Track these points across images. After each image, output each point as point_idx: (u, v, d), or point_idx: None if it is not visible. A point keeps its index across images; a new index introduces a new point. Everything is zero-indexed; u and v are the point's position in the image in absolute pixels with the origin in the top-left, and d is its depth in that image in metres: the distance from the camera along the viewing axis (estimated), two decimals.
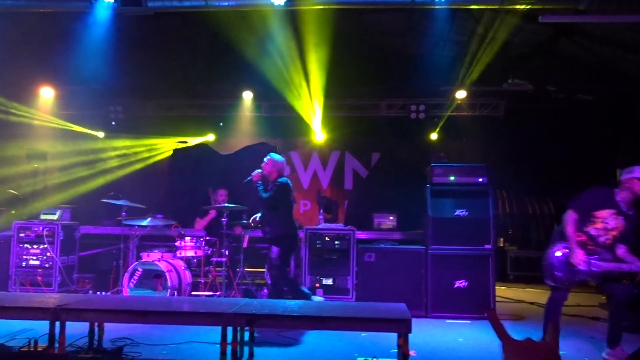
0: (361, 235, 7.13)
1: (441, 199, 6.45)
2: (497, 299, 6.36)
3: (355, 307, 4.68)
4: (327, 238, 6.65)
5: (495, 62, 7.35)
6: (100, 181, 9.37)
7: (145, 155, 10.06)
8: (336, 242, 6.62)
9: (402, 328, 3.51)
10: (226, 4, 6.66)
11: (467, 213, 6.36)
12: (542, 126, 8.80)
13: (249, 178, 5.64)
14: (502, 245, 9.57)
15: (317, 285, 6.50)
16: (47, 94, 9.39)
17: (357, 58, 8.06)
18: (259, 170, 5.65)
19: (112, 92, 9.44)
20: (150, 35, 7.87)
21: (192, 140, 10.08)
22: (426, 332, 5.31)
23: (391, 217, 7.76)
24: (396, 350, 3.63)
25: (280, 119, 9.57)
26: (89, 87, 9.14)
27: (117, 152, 10.02)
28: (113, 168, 9.89)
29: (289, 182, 5.69)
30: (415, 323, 3.59)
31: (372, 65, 8.31)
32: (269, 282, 5.74)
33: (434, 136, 9.62)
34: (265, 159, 5.71)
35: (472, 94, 8.93)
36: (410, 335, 3.51)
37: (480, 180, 6.47)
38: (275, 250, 5.53)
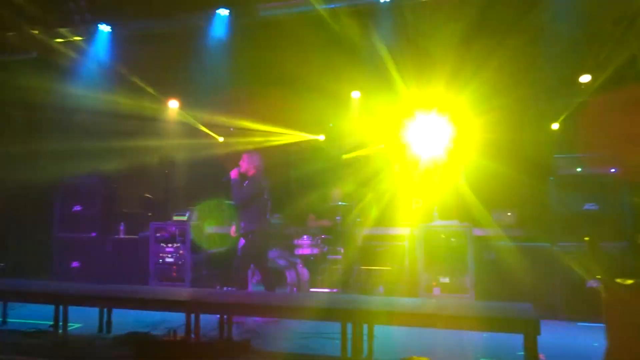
0: (478, 232, 6.87)
1: (567, 192, 6.02)
2: None
3: (476, 306, 4.54)
4: (442, 235, 6.50)
5: None
6: (222, 183, 9.97)
7: (264, 157, 10.51)
8: (452, 239, 6.45)
9: (530, 329, 3.34)
10: (332, 5, 6.83)
11: (597, 207, 5.86)
12: None
13: (226, 177, 5.72)
14: None
15: (434, 283, 6.38)
16: (173, 105, 10.27)
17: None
18: (237, 168, 5.74)
19: (229, 100, 10.03)
20: (261, 41, 8.27)
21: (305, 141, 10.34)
22: (555, 335, 4.98)
23: (509, 213, 7.35)
24: (522, 353, 3.46)
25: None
26: (209, 96, 9.84)
27: (235, 157, 10.59)
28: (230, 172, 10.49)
29: (264, 180, 5.80)
30: (543, 324, 3.40)
31: None
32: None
33: (555, 126, 8.94)
34: (243, 155, 5.87)
35: None
36: (538, 337, 3.33)
37: (613, 170, 5.92)
38: (241, 241, 5.70)
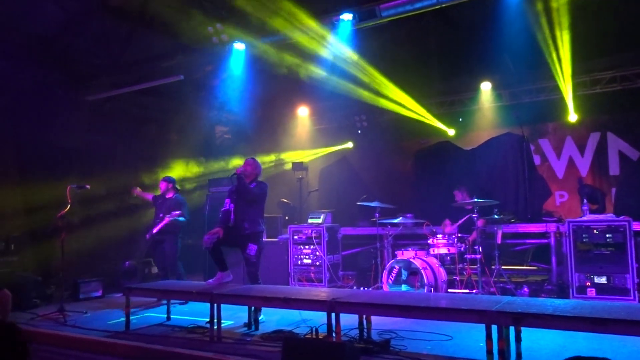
0: (639, 226, 6.15)
1: None
2: None
3: None
4: (595, 231, 5.93)
5: None
6: (352, 185, 10.14)
7: (391, 158, 10.51)
8: (607, 235, 5.85)
9: None
10: None
11: None
12: None
13: (233, 175, 5.68)
14: None
15: (588, 284, 5.83)
16: (302, 113, 10.72)
17: (606, 23, 7.00)
18: (240, 168, 5.73)
19: (356, 103, 10.19)
20: (382, 45, 8.30)
21: (433, 139, 10.11)
22: None
23: None
24: None
25: (524, 106, 8.89)
26: (336, 102, 10.09)
27: (365, 158, 10.71)
28: (362, 173, 10.62)
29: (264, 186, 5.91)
30: None
31: (629, 29, 7.10)
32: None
33: None
34: (248, 159, 5.87)
35: None
36: None
37: None
38: (253, 247, 5.64)
